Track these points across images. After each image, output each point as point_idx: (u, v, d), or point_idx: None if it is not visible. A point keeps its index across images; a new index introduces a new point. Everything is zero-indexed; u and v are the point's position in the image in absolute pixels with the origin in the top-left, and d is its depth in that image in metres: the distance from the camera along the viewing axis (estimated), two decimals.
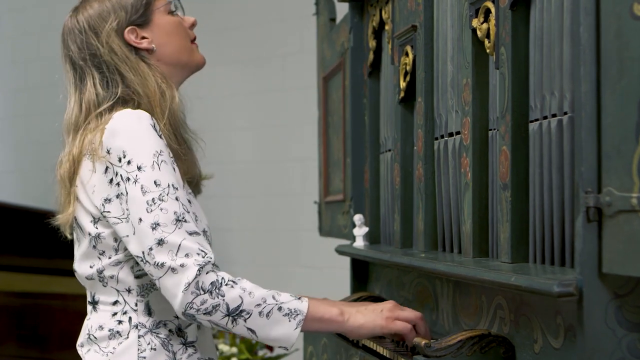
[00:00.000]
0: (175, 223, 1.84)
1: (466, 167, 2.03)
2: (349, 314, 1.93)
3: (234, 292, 1.83)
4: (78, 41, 2.03)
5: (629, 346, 1.49)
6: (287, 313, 1.86)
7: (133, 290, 1.94)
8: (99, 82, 2.00)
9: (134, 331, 1.92)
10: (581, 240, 1.49)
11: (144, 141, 1.88)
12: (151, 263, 1.83)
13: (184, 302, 1.81)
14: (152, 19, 2.06)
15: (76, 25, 2.04)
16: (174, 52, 2.07)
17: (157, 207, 1.84)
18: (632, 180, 1.38)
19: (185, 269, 1.81)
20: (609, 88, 1.44)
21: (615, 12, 1.42)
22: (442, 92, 2.22)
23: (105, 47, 2.00)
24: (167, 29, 2.07)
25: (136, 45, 2.03)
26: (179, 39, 2.09)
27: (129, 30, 2.03)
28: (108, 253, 1.94)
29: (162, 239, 1.83)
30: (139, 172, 1.86)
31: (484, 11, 1.96)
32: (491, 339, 1.80)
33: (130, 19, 2.03)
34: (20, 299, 5.45)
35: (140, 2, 2.05)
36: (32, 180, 7.18)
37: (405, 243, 2.44)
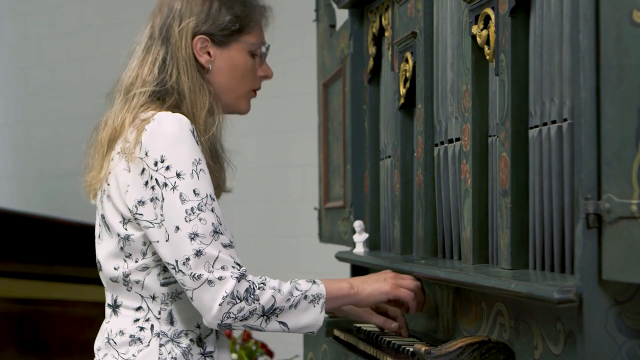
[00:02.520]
0: (212, 235, 1.84)
1: (466, 174, 2.03)
2: (357, 286, 2.02)
3: (266, 294, 1.87)
4: (165, 16, 2.02)
5: (629, 353, 1.49)
6: (311, 300, 1.92)
7: (158, 298, 1.93)
8: (158, 64, 2.00)
9: (156, 339, 1.92)
10: (581, 246, 1.48)
11: (185, 148, 1.87)
12: (186, 273, 1.83)
13: (222, 313, 1.83)
14: (230, 46, 2.04)
15: (170, 3, 2.03)
16: (225, 86, 2.04)
17: (197, 217, 1.84)
18: (631, 187, 1.37)
19: (223, 281, 1.83)
20: (609, 95, 1.44)
21: (615, 18, 1.42)
22: (442, 99, 2.22)
23: (177, 37, 1.99)
24: (235, 65, 2.04)
25: (195, 54, 2.01)
26: (239, 80, 2.06)
27: (200, 37, 2.01)
28: (135, 256, 1.92)
29: (200, 250, 1.83)
30: (178, 179, 1.85)
31: (484, 18, 1.96)
32: (491, 345, 1.80)
33: (210, 29, 2.01)
34: (21, 305, 5.45)
35: (232, 23, 2.02)
36: (32, 186, 7.18)
37: (405, 249, 2.44)
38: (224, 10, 2.02)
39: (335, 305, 2.00)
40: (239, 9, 2.04)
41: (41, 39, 7.14)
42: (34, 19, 7.21)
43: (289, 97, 5.27)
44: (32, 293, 5.56)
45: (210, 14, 2.01)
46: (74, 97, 6.86)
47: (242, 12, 2.04)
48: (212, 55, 2.02)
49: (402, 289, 2.06)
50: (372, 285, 2.04)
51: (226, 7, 2.03)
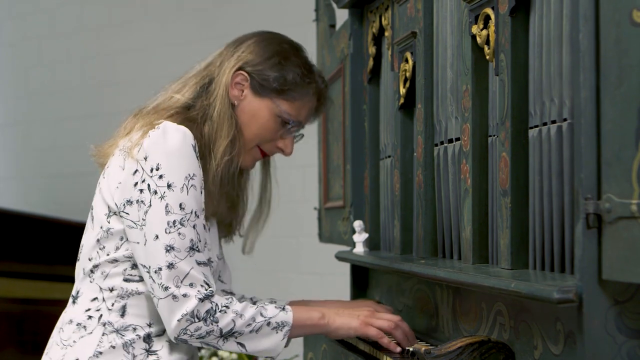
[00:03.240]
0: (188, 251, 1.89)
1: (466, 174, 2.03)
2: (328, 317, 2.03)
3: (227, 317, 1.90)
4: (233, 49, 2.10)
5: (629, 353, 1.49)
6: (275, 327, 1.95)
7: (115, 291, 1.96)
8: (203, 83, 2.07)
9: (100, 328, 1.95)
10: (581, 246, 1.48)
11: (181, 161, 1.91)
12: (156, 281, 1.89)
13: (178, 329, 1.88)
14: (263, 98, 2.07)
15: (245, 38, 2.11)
16: (242, 130, 2.07)
17: (176, 230, 1.88)
18: (631, 187, 1.37)
19: (186, 299, 1.87)
20: (609, 95, 1.44)
21: (615, 18, 1.42)
22: (442, 99, 2.22)
23: (227, 65, 2.06)
24: (257, 116, 2.08)
25: (230, 85, 2.06)
26: (251, 132, 2.09)
27: (242, 73, 2.06)
28: (108, 249, 1.97)
29: (173, 264, 1.88)
30: (168, 190, 1.89)
31: (484, 18, 1.96)
32: (491, 345, 1.80)
33: (254, 72, 2.06)
34: (21, 305, 5.45)
35: (274, 81, 2.06)
36: (33, 186, 7.18)
37: (405, 249, 2.44)
38: (280, 68, 2.07)
39: (302, 334, 2.02)
40: (294, 77, 2.08)
41: (41, 39, 7.14)
42: (34, 19, 7.21)
43: None
44: (33, 293, 5.56)
45: (265, 63, 2.06)
46: (73, 97, 6.86)
47: (295, 81, 2.08)
48: (244, 95, 2.07)
49: (372, 327, 2.05)
50: (343, 318, 2.04)
51: (285, 68, 2.08)
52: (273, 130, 2.09)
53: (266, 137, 2.10)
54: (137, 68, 6.34)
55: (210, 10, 5.85)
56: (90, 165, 2.15)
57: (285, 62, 2.08)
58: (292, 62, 2.09)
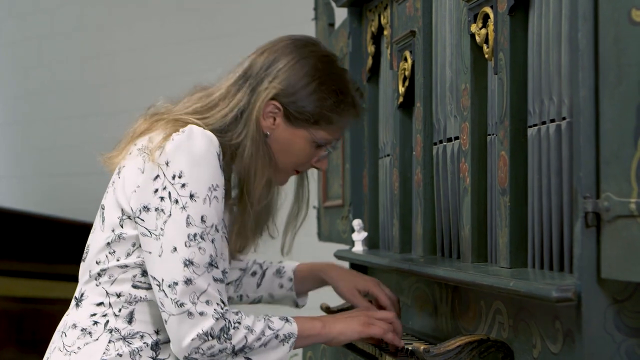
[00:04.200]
0: (207, 266, 1.81)
1: (465, 172, 2.03)
2: (329, 325, 1.98)
3: (239, 333, 1.84)
4: (267, 64, 1.97)
5: (628, 351, 1.49)
6: (282, 339, 1.90)
7: (122, 297, 1.88)
8: (235, 113, 1.94)
9: (107, 335, 1.87)
10: (580, 245, 1.48)
11: (206, 170, 1.82)
12: (169, 296, 1.80)
13: (191, 347, 1.80)
14: (297, 128, 1.97)
15: (279, 56, 1.97)
16: (276, 159, 1.98)
17: (197, 245, 1.80)
18: (630, 186, 1.37)
19: (203, 317, 1.80)
20: (608, 94, 1.44)
21: (614, 18, 1.42)
22: (441, 97, 2.21)
23: (259, 95, 1.95)
24: (292, 145, 1.98)
25: (261, 115, 1.95)
26: (288, 160, 2.00)
27: (274, 104, 1.95)
28: (118, 255, 1.88)
29: (191, 279, 1.79)
30: (190, 200, 1.80)
31: (483, 16, 1.95)
32: (490, 344, 1.80)
33: (287, 104, 1.95)
34: (21, 304, 5.45)
35: (310, 115, 1.95)
36: (32, 185, 7.17)
37: (404, 248, 2.44)
38: (315, 98, 1.96)
39: (305, 344, 1.98)
40: (329, 105, 1.97)
41: (41, 39, 7.14)
42: (34, 18, 7.21)
43: None
44: (32, 292, 5.56)
45: (299, 93, 1.95)
46: (73, 97, 6.86)
47: (331, 109, 1.97)
48: (276, 124, 1.96)
49: (374, 326, 2.01)
50: (343, 322, 2.00)
51: (319, 96, 1.96)
52: (309, 155, 2.01)
53: (303, 163, 2.02)
54: (137, 67, 6.34)
55: (210, 9, 5.84)
56: (89, 164, 2.10)
57: (321, 87, 1.96)
58: (328, 85, 1.97)
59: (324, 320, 1.99)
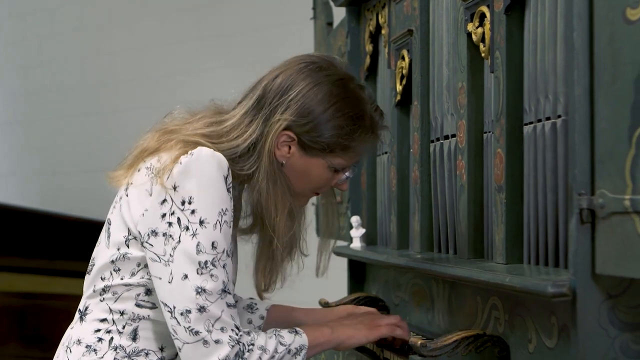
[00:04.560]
0: (220, 293, 1.76)
1: (461, 170, 2.03)
2: (337, 331, 1.95)
3: (254, 355, 1.79)
4: (281, 91, 1.88)
5: (622, 346, 1.49)
6: (294, 353, 1.85)
7: (126, 315, 1.85)
8: (249, 143, 1.86)
9: (112, 353, 1.83)
10: (575, 241, 1.48)
11: (215, 194, 1.76)
12: (182, 324, 1.75)
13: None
14: (313, 158, 1.89)
15: (292, 82, 1.88)
16: (294, 185, 1.91)
17: (209, 272, 1.75)
18: (624, 183, 1.38)
19: (219, 345, 1.75)
20: (602, 92, 1.44)
21: (609, 17, 1.42)
22: (438, 96, 2.21)
23: (273, 126, 1.86)
24: (309, 173, 1.90)
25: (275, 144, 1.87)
26: (305, 186, 1.92)
27: (288, 134, 1.86)
28: (122, 274, 1.84)
29: (204, 307, 1.74)
30: (200, 227, 1.75)
31: (479, 16, 1.96)
32: (486, 338, 1.80)
33: (301, 134, 1.86)
34: (23, 300, 5.45)
35: (325, 144, 1.87)
36: (33, 183, 7.17)
37: (402, 244, 2.44)
38: (330, 126, 1.87)
39: (317, 352, 1.94)
40: (346, 132, 1.87)
41: (41, 39, 7.13)
42: (34, 19, 7.20)
43: None
44: (34, 287, 5.55)
45: (313, 122, 1.86)
46: (73, 96, 6.85)
47: (348, 136, 1.88)
48: (291, 153, 1.88)
49: (381, 327, 1.99)
50: (352, 328, 1.97)
51: (335, 123, 1.87)
52: (327, 180, 1.93)
53: (322, 186, 1.95)
54: (136, 67, 6.34)
55: (209, 9, 5.84)
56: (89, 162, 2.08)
57: (337, 115, 1.87)
58: (344, 112, 1.88)
59: (332, 326, 1.96)
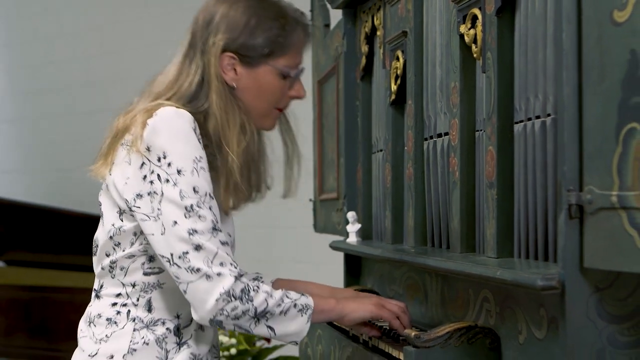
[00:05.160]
0: (211, 232, 1.79)
1: (454, 167, 2.03)
2: (342, 302, 1.97)
3: (260, 296, 1.82)
4: (205, 25, 1.93)
5: (609, 337, 1.50)
6: (300, 309, 1.87)
7: (137, 286, 1.88)
8: (197, 81, 1.90)
9: (131, 324, 1.87)
10: (563, 236, 1.48)
11: (186, 144, 1.81)
12: (182, 266, 1.78)
13: (216, 309, 1.78)
14: (258, 67, 1.92)
15: (212, 12, 1.92)
16: (250, 105, 1.94)
17: (196, 214, 1.78)
18: (612, 179, 1.38)
19: (221, 277, 1.78)
20: (590, 91, 1.44)
21: (597, 18, 1.42)
22: (431, 95, 2.21)
23: (210, 53, 1.91)
24: (261, 86, 1.93)
25: (222, 71, 1.91)
26: (264, 101, 1.95)
27: (228, 55, 1.91)
28: (123, 246, 1.88)
29: (200, 245, 1.77)
30: (179, 175, 1.79)
31: (471, 17, 1.95)
32: (478, 330, 1.80)
33: (239, 49, 1.90)
34: (30, 293, 5.45)
35: (262, 47, 1.91)
36: (41, 179, 7.17)
37: (396, 239, 2.44)
38: (260, 31, 1.91)
39: (321, 319, 1.95)
40: (276, 31, 1.92)
41: (48, 39, 7.13)
42: (42, 19, 7.20)
43: None
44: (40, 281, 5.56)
45: (243, 33, 1.90)
46: (79, 94, 6.85)
47: (278, 34, 1.92)
48: (239, 73, 1.92)
49: (385, 309, 2.00)
50: (357, 302, 1.99)
51: (263, 27, 1.91)
52: (281, 87, 1.95)
53: (279, 97, 1.96)
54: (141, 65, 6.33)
55: None
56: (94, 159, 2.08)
57: (261, 21, 1.91)
58: (267, 16, 1.92)
59: (338, 299, 1.98)
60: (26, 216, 5.83)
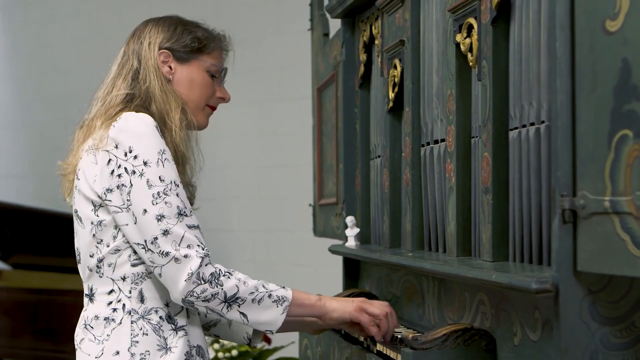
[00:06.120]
0: (177, 216, 1.86)
1: (450, 172, 2.03)
2: (324, 299, 2.00)
3: (230, 282, 1.87)
4: (137, 37, 2.11)
5: (602, 339, 1.49)
6: (275, 300, 1.91)
7: (128, 278, 1.92)
8: (132, 73, 2.06)
9: (127, 317, 1.91)
10: (557, 240, 1.48)
11: (150, 140, 1.90)
12: (155, 251, 1.85)
13: (186, 290, 1.84)
14: (190, 62, 2.08)
15: (142, 28, 2.12)
16: (185, 98, 2.06)
17: (162, 200, 1.86)
18: (604, 185, 1.37)
19: (188, 259, 1.84)
20: (583, 99, 1.44)
21: (589, 28, 1.42)
22: (428, 102, 2.21)
23: (147, 50, 2.07)
24: (193, 79, 2.08)
25: (159, 65, 2.06)
26: (196, 94, 2.09)
27: (163, 52, 2.06)
28: (106, 241, 1.92)
29: (167, 230, 1.85)
30: (145, 167, 1.88)
31: (467, 27, 1.95)
32: (474, 332, 1.80)
33: (172, 46, 2.07)
34: (35, 295, 5.44)
35: (192, 42, 2.08)
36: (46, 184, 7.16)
37: (394, 243, 2.44)
38: (187, 32, 2.09)
39: (299, 313, 1.96)
40: (200, 33, 2.10)
41: (55, 48, 7.13)
42: (48, 28, 7.20)
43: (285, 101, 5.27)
44: (46, 283, 5.55)
45: (175, 34, 2.08)
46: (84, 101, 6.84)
47: (203, 35, 2.10)
48: (173, 68, 2.06)
49: (365, 314, 1.99)
50: (340, 302, 2.01)
51: (189, 30, 2.10)
52: (210, 84, 2.10)
53: (209, 93, 2.10)
54: None
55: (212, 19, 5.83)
56: None
57: (187, 26, 2.11)
58: (191, 24, 2.13)
59: (320, 296, 2.00)
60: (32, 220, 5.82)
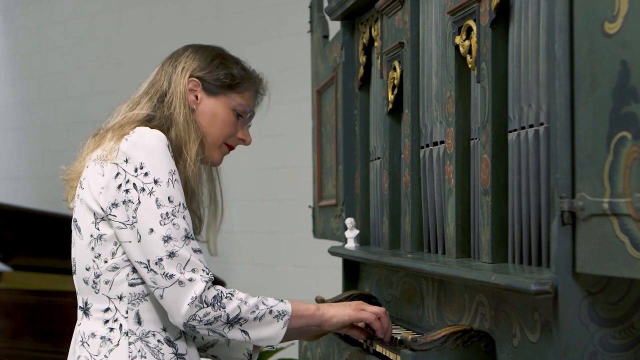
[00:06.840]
0: (184, 239, 1.83)
1: (450, 174, 2.03)
2: (323, 308, 2.00)
3: (233, 303, 1.85)
4: (173, 60, 2.07)
5: (601, 340, 1.49)
6: (276, 315, 1.90)
7: (125, 298, 1.88)
8: (159, 94, 2.02)
9: (125, 338, 1.87)
10: (556, 242, 1.48)
11: (162, 158, 1.86)
12: (158, 272, 1.81)
13: (188, 314, 1.81)
14: (217, 97, 2.04)
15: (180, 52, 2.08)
16: (204, 132, 2.02)
17: (170, 221, 1.83)
18: (603, 187, 1.37)
19: (193, 283, 1.82)
20: (582, 101, 1.44)
21: (588, 30, 1.42)
22: (428, 104, 2.21)
23: (178, 75, 2.03)
24: (217, 114, 2.04)
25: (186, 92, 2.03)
26: (216, 130, 2.04)
27: (193, 80, 2.03)
28: (104, 257, 1.88)
29: (174, 252, 1.81)
30: (155, 185, 1.84)
31: (466, 29, 1.95)
32: (473, 333, 1.80)
33: (204, 76, 2.03)
34: (36, 297, 5.44)
35: (224, 77, 2.04)
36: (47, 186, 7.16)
37: (393, 244, 2.44)
38: (223, 67, 2.05)
39: (300, 324, 1.96)
40: (236, 70, 2.06)
41: (55, 50, 7.13)
42: (48, 30, 7.20)
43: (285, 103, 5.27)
44: (47, 285, 5.55)
45: (210, 65, 2.04)
46: (84, 103, 6.85)
47: (238, 73, 2.06)
48: (199, 98, 2.03)
49: (364, 312, 2.01)
50: (337, 308, 2.01)
51: (226, 65, 2.06)
52: (234, 123, 2.06)
53: (230, 131, 2.06)
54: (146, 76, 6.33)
55: (213, 21, 5.84)
56: None
57: (226, 61, 2.07)
58: (230, 59, 2.08)
59: (319, 305, 2.00)
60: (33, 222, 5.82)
